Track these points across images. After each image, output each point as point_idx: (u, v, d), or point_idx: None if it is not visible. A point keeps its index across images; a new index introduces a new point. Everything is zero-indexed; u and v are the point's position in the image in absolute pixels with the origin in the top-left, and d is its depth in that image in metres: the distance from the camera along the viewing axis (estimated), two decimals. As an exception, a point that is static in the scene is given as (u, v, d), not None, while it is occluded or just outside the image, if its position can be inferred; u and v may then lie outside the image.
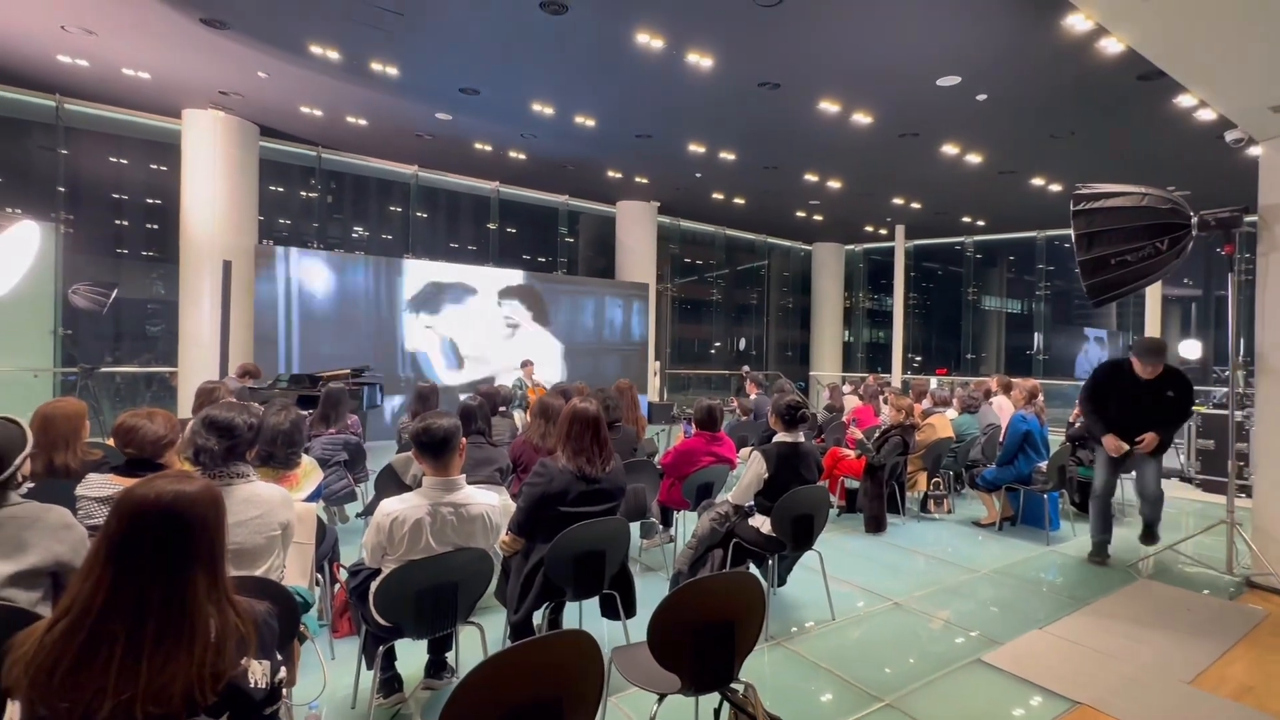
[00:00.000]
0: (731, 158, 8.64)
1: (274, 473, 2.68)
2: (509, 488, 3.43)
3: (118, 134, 8.20)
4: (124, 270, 8.81)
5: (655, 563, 3.97)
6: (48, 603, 1.67)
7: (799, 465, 3.15)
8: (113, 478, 2.27)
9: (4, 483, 1.66)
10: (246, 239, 8.12)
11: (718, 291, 14.39)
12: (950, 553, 4.33)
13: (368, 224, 10.93)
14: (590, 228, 12.89)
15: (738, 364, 14.46)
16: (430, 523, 2.06)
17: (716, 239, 14.00)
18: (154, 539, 1.11)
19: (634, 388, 4.65)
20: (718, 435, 3.87)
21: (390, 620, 2.09)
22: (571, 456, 2.49)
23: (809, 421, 3.27)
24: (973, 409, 5.60)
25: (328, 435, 4.06)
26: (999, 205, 10.74)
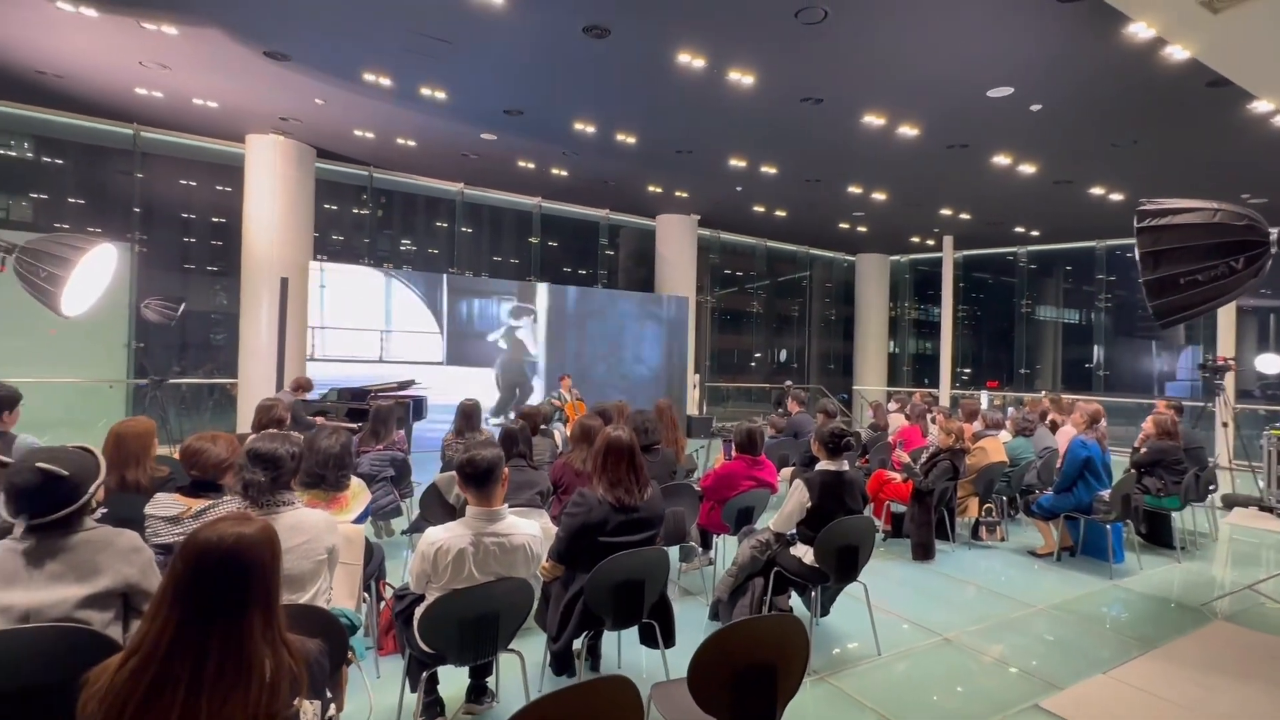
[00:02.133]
0: (773, 171, 8.58)
1: (325, 494, 2.77)
2: (549, 509, 3.46)
3: (187, 158, 8.72)
4: (190, 284, 9.33)
5: (694, 586, 3.93)
6: (118, 623, 1.77)
7: (843, 495, 3.07)
8: (178, 497, 2.39)
9: (80, 509, 1.76)
10: (302, 255, 8.48)
11: (758, 303, 14.26)
12: (1004, 584, 4.13)
13: (415, 239, 11.26)
14: (630, 240, 12.96)
15: (778, 375, 14.27)
16: (473, 553, 2.10)
17: (757, 250, 13.89)
18: (215, 582, 1.17)
19: (674, 407, 4.63)
20: (759, 459, 3.81)
21: (433, 648, 2.13)
22: (608, 487, 2.49)
23: (854, 449, 3.19)
24: (1028, 432, 5.36)
25: (375, 451, 4.18)
26: (1055, 215, 10.32)
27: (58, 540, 1.70)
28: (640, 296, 11.46)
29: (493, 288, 9.97)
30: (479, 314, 9.59)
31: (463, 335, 9.40)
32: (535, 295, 10.28)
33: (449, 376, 9.17)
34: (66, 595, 1.67)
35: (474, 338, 9.48)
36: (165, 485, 2.70)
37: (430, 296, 9.29)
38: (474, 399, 4.66)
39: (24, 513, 1.69)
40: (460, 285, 9.55)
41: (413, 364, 8.95)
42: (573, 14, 4.78)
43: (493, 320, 9.70)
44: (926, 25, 4.76)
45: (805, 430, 5.94)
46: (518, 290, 10.11)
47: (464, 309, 9.44)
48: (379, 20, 4.99)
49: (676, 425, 4.56)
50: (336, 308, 8.65)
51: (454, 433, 4.53)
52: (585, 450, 3.52)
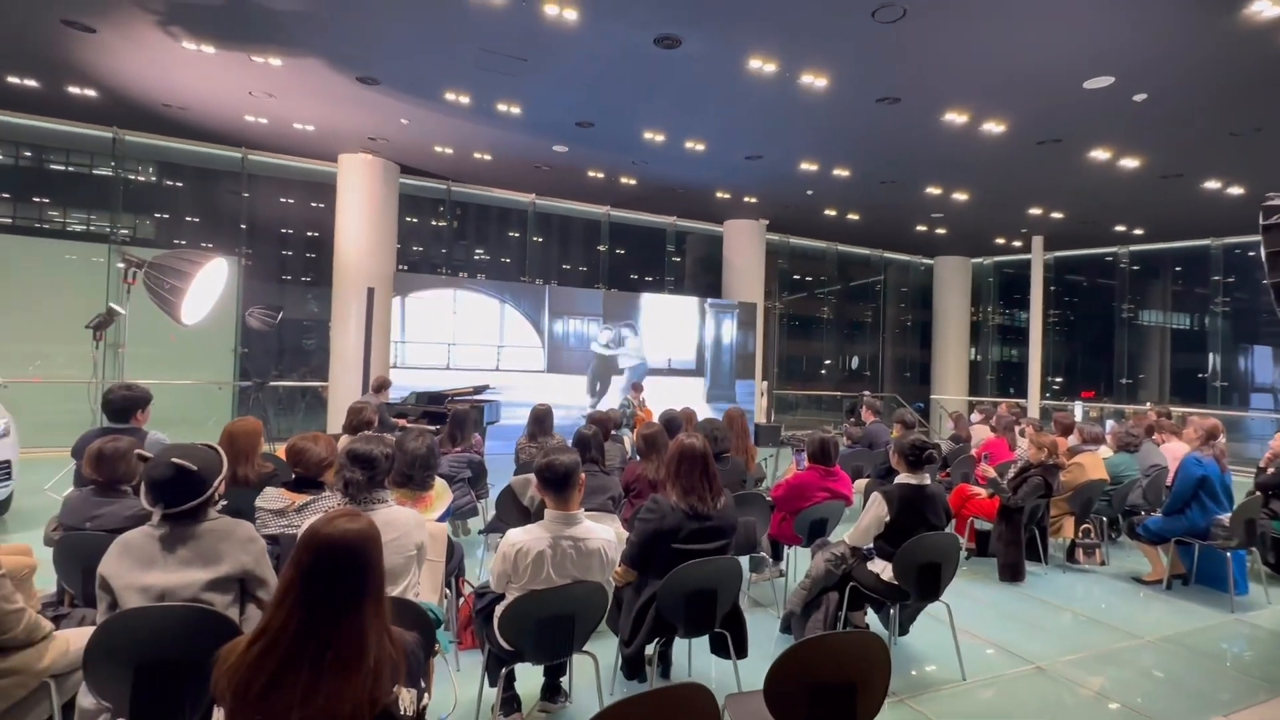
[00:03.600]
0: (845, 174, 8.37)
1: (412, 494, 2.93)
2: (620, 514, 3.51)
3: (286, 178, 9.47)
4: (286, 294, 10.10)
5: (765, 598, 3.88)
6: (236, 605, 1.94)
7: (925, 509, 2.96)
8: (283, 492, 2.60)
9: (207, 500, 1.95)
10: (387, 266, 8.99)
11: (829, 308, 13.91)
12: (1104, 611, 3.84)
13: (488, 248, 11.71)
14: (697, 246, 12.94)
15: (849, 383, 13.85)
16: (551, 555, 2.16)
17: (828, 254, 13.57)
18: (340, 574, 1.26)
19: (744, 416, 4.59)
20: (833, 470, 3.73)
21: (512, 645, 2.21)
22: (682, 495, 2.51)
23: (936, 462, 3.06)
24: (1131, 447, 4.96)
25: (454, 454, 4.36)
26: (1161, 212, 9.52)
27: (188, 528, 1.89)
28: (707, 302, 11.43)
29: (580, 305, 10.28)
30: (573, 328, 10.11)
31: (559, 348, 9.93)
32: (600, 301, 10.45)
33: (544, 384, 9.66)
34: (195, 579, 1.85)
35: (568, 349, 9.98)
36: (271, 480, 2.94)
37: (532, 312, 9.80)
38: (546, 404, 4.78)
39: (160, 502, 1.89)
40: (558, 301, 10.02)
41: (515, 372, 9.56)
42: (644, 26, 4.87)
43: (582, 334, 10.14)
44: (1014, 16, 4.53)
45: (881, 441, 5.76)
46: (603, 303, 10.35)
47: (563, 324, 10.04)
48: (458, 42, 5.26)
49: (747, 433, 4.53)
50: (419, 320, 9.10)
51: (527, 437, 4.66)
52: (654, 460, 3.55)
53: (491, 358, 9.57)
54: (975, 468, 5.17)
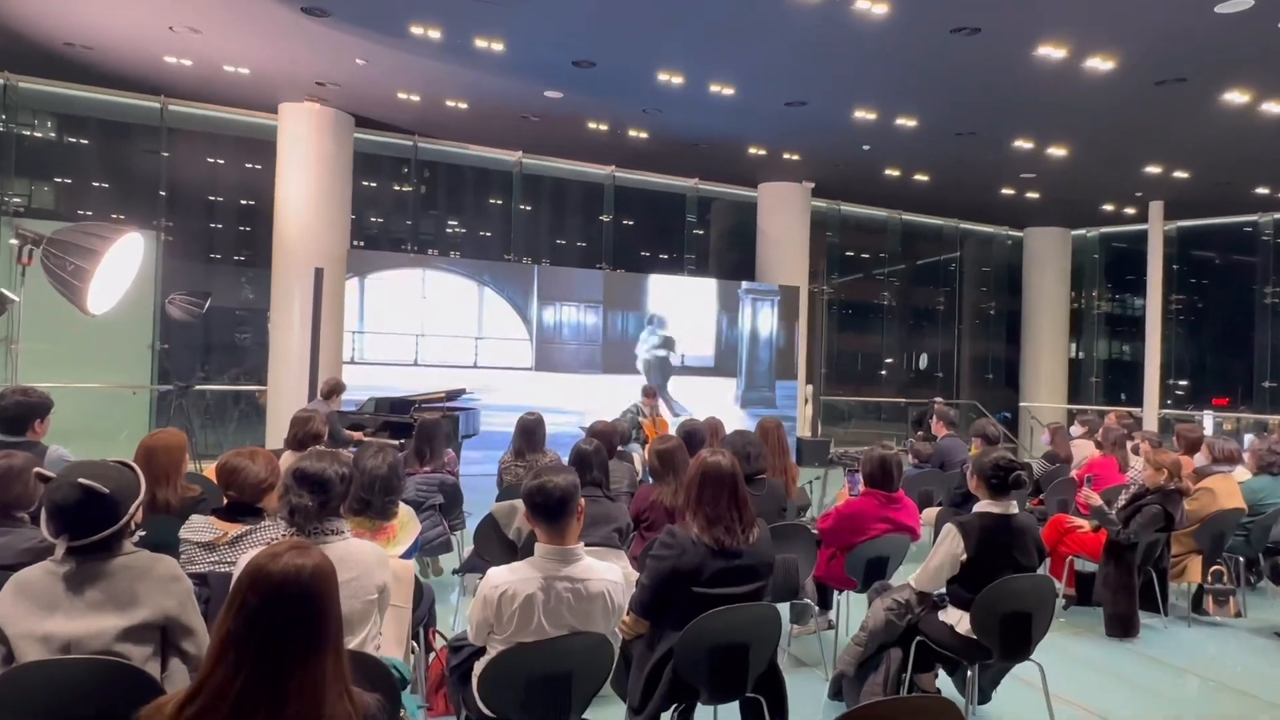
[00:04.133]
0: (911, 124, 8.34)
1: (371, 523, 2.96)
2: (629, 549, 3.52)
3: (215, 132, 9.57)
4: (216, 277, 10.24)
5: (810, 656, 3.88)
6: (156, 659, 1.97)
7: (1011, 545, 2.95)
8: (214, 520, 2.64)
9: (121, 530, 1.98)
10: (339, 242, 9.08)
11: (890, 293, 13.88)
12: (1241, 675, 3.82)
13: (464, 219, 11.80)
14: (724, 217, 12.94)
15: (917, 388, 13.80)
16: (543, 600, 2.18)
17: (889, 225, 13.52)
18: (293, 620, 1.28)
19: (782, 428, 4.60)
20: (895, 496, 3.73)
21: (495, 710, 2.23)
22: (705, 526, 2.51)
23: (1025, 486, 3.06)
24: (1276, 468, 4.92)
25: (422, 474, 4.40)
26: (1318, 169, 9.42)
27: (98, 565, 1.91)
28: (741, 286, 11.42)
29: (577, 289, 10.41)
30: (567, 317, 10.29)
31: (550, 341, 10.11)
32: (600, 284, 10.49)
33: (536, 383, 9.81)
34: (106, 626, 1.88)
35: (560, 343, 10.18)
36: (198, 506, 2.98)
37: (518, 298, 9.94)
38: (536, 413, 4.81)
39: (64, 532, 1.90)
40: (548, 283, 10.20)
41: (497, 370, 9.74)
42: (658, -60, 4.90)
43: (578, 325, 10.33)
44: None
45: (955, 460, 5.75)
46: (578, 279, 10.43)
47: (554, 312, 10.24)
48: (429, -37, 5.31)
49: (786, 450, 4.52)
50: (379, 308, 9.19)
51: (513, 453, 4.69)
52: (671, 483, 3.56)
53: (468, 352, 9.67)
54: (1076, 493, 5.14)
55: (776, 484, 4.07)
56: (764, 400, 11.16)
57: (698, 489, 2.57)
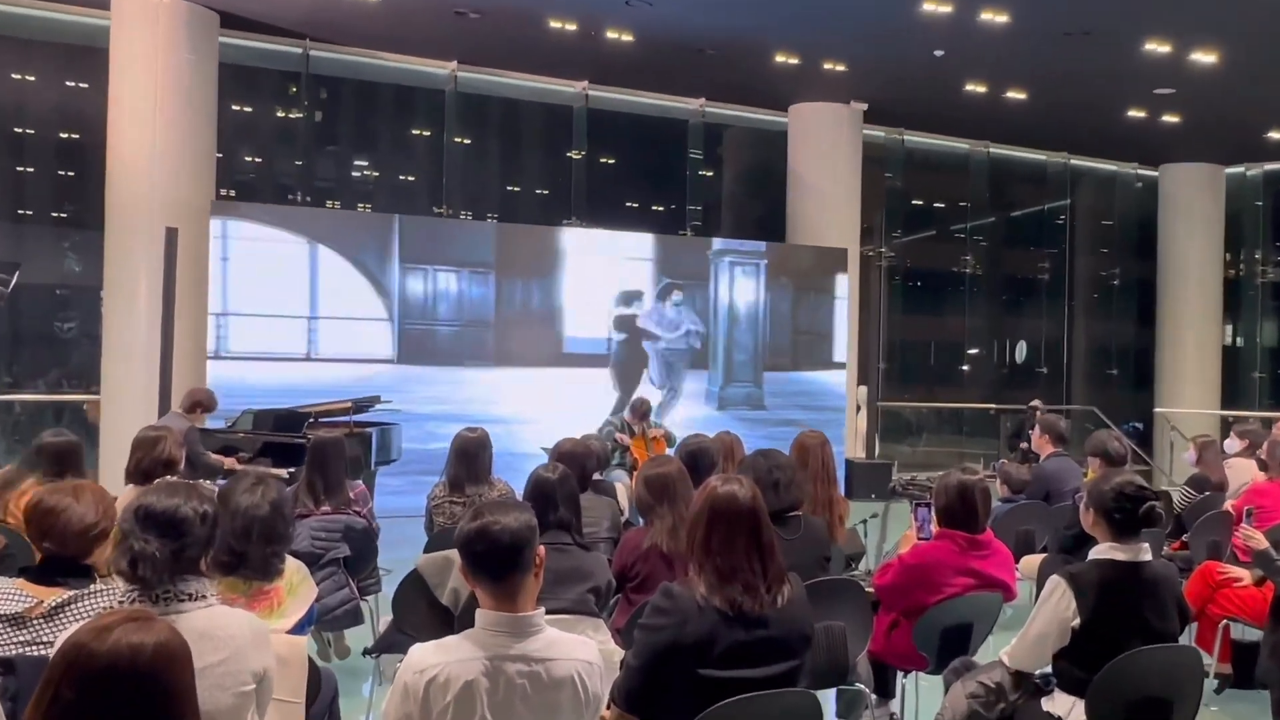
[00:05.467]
0: (1002, 20, 8.39)
1: (246, 585, 2.95)
2: (612, 618, 3.49)
3: (21, 37, 9.46)
4: (27, 242, 10.15)
5: (863, 763, 3.90)
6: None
7: (1141, 606, 2.97)
8: (23, 584, 2.61)
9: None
10: (200, 190, 9.05)
11: (974, 256, 13.97)
12: None
13: (378, 158, 11.77)
14: (742, 152, 12.97)
15: (1011, 388, 13.89)
16: (489, 689, 2.17)
17: (972, 163, 13.61)
18: (127, 715, 1.28)
19: (827, 446, 4.60)
20: (980, 538, 3.74)
21: (423, 845, 2.22)
22: (716, 583, 2.50)
23: (1161, 522, 3.08)
24: None
25: (320, 516, 4.38)
26: None
27: None
28: (759, 250, 11.43)
29: (502, 238, 10.23)
30: (521, 296, 10.32)
31: (506, 323, 10.17)
32: (571, 247, 10.48)
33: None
34: None
35: (515, 326, 10.28)
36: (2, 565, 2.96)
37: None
38: (479, 429, 4.79)
39: None
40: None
41: (423, 367, 9.88)
42: None
43: (530, 299, 10.38)
44: None
45: (1065, 488, 5.78)
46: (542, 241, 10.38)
47: (513, 290, 10.28)
48: None
49: (831, 477, 4.52)
50: (257, 282, 9.16)
51: (447, 484, 4.68)
52: (667, 518, 3.56)
53: (384, 341, 9.66)
54: (1233, 532, 5.17)
55: (817, 524, 4.07)
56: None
57: (705, 531, 2.57)
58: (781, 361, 11.53)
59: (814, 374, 11.67)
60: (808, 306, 11.62)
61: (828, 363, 11.65)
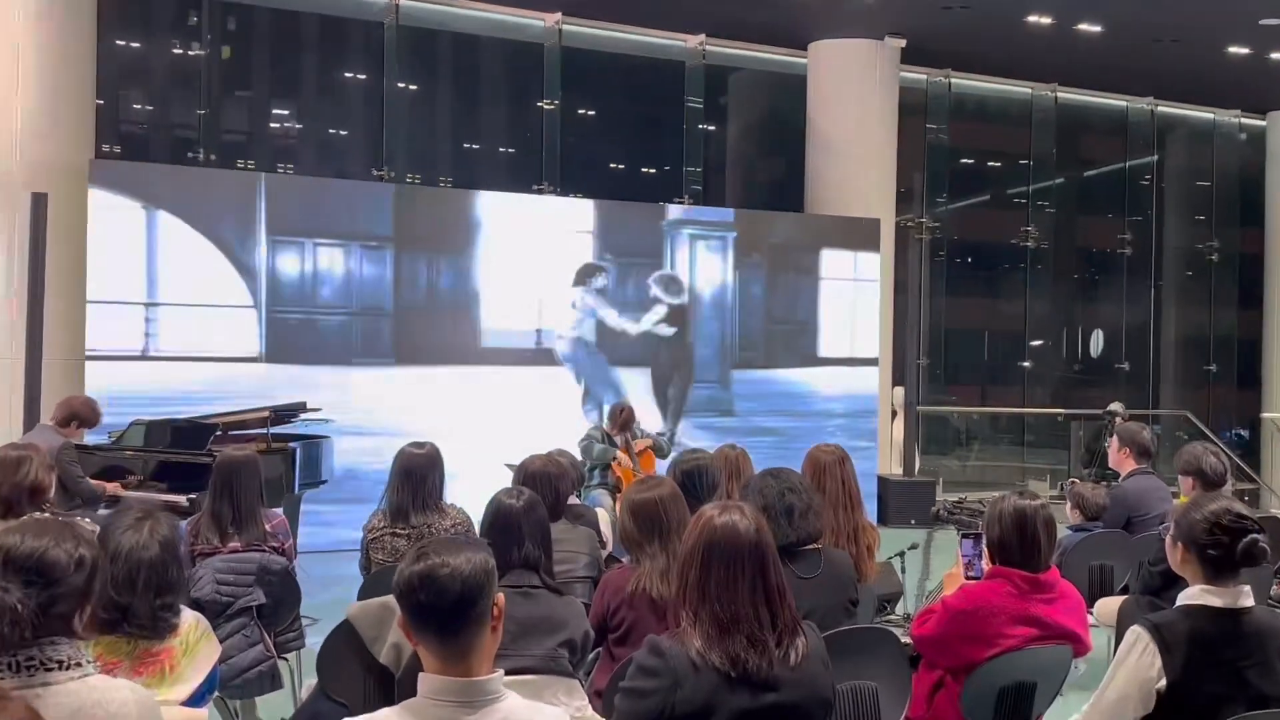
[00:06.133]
0: (1070, -66, 8.40)
1: (130, 646, 2.92)
2: (591, 678, 3.49)
3: None
4: None
5: None
6: None
7: (1241, 662, 2.97)
8: None
9: None
10: (73, 150, 8.99)
11: (1038, 226, 13.95)
12: None
13: (299, 106, 11.70)
14: (750, 101, 12.96)
15: (1083, 388, 13.94)
16: (434, 772, 2.16)
17: (1036, 110, 13.63)
18: None
19: (846, 462, 4.61)
20: (1043, 578, 3.74)
21: None
22: (716, 635, 2.50)
23: (1266, 557, 3.08)
24: None
25: (228, 554, 4.36)
26: None
27: None
28: (769, 223, 11.43)
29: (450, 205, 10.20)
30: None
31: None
32: (539, 219, 10.45)
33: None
34: None
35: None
36: None
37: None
38: (427, 445, 4.77)
39: None
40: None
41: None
42: None
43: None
44: None
45: (1150, 512, 5.80)
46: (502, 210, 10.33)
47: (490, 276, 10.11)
48: None
49: (856, 501, 4.54)
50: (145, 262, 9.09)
51: (387, 513, 4.67)
52: (659, 557, 3.57)
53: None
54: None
55: (840, 559, 4.07)
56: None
57: (700, 571, 2.57)
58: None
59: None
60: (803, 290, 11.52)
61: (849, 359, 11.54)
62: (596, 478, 7.71)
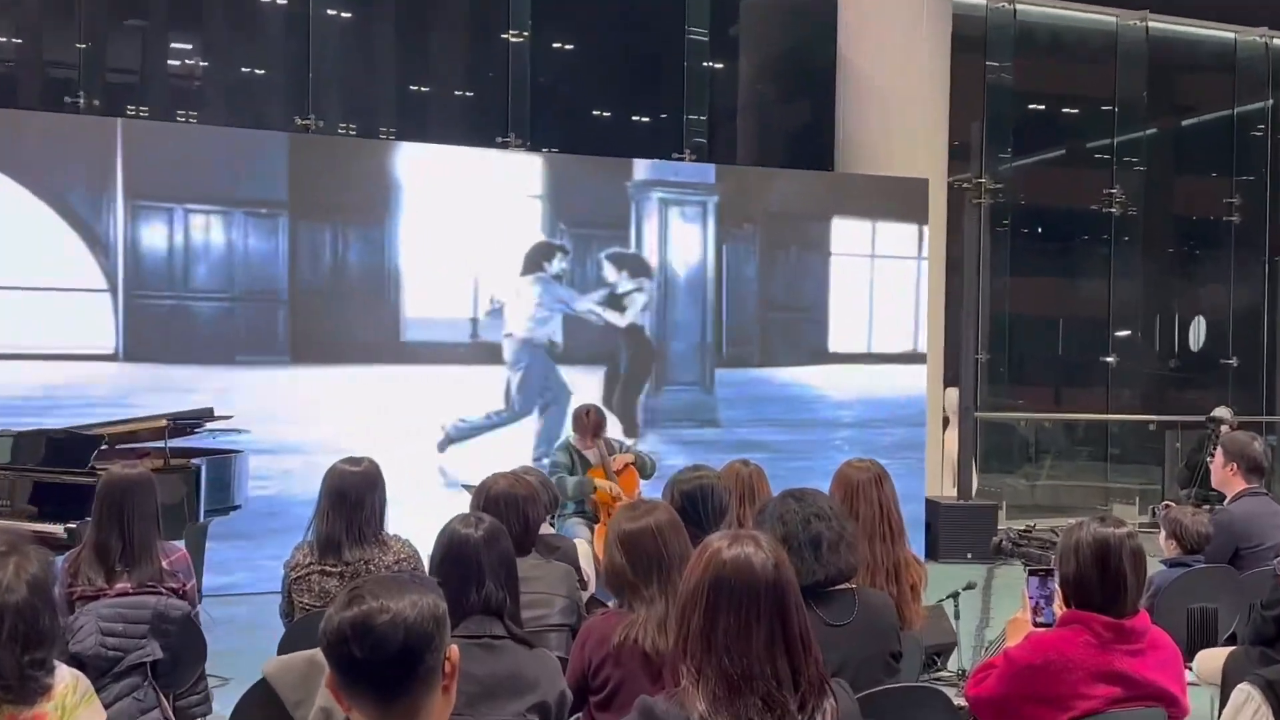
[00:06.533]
0: None
1: (-8, 711, 2.92)
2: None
3: None
4: None
5: None
6: None
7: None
8: None
9: None
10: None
11: (1125, 187, 13.96)
12: None
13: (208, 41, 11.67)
14: (767, 33, 12.98)
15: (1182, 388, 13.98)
16: None
17: (1121, 45, 13.67)
18: None
19: (885, 482, 4.62)
20: (1130, 625, 3.75)
21: None
22: (724, 696, 2.50)
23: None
24: None
25: (116, 598, 4.36)
26: None
27: None
28: (798, 180, 11.46)
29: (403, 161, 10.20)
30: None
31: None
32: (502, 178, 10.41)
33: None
34: None
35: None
36: None
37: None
38: (364, 461, 4.79)
39: None
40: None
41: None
42: None
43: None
44: None
45: (1263, 542, 5.84)
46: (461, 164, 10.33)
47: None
48: None
49: (895, 529, 4.56)
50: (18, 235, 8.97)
51: (315, 546, 4.68)
52: (655, 602, 3.59)
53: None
54: None
55: (878, 602, 4.08)
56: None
57: (706, 616, 2.56)
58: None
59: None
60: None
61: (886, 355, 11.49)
62: (570, 504, 7.76)
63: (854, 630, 3.81)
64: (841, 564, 3.88)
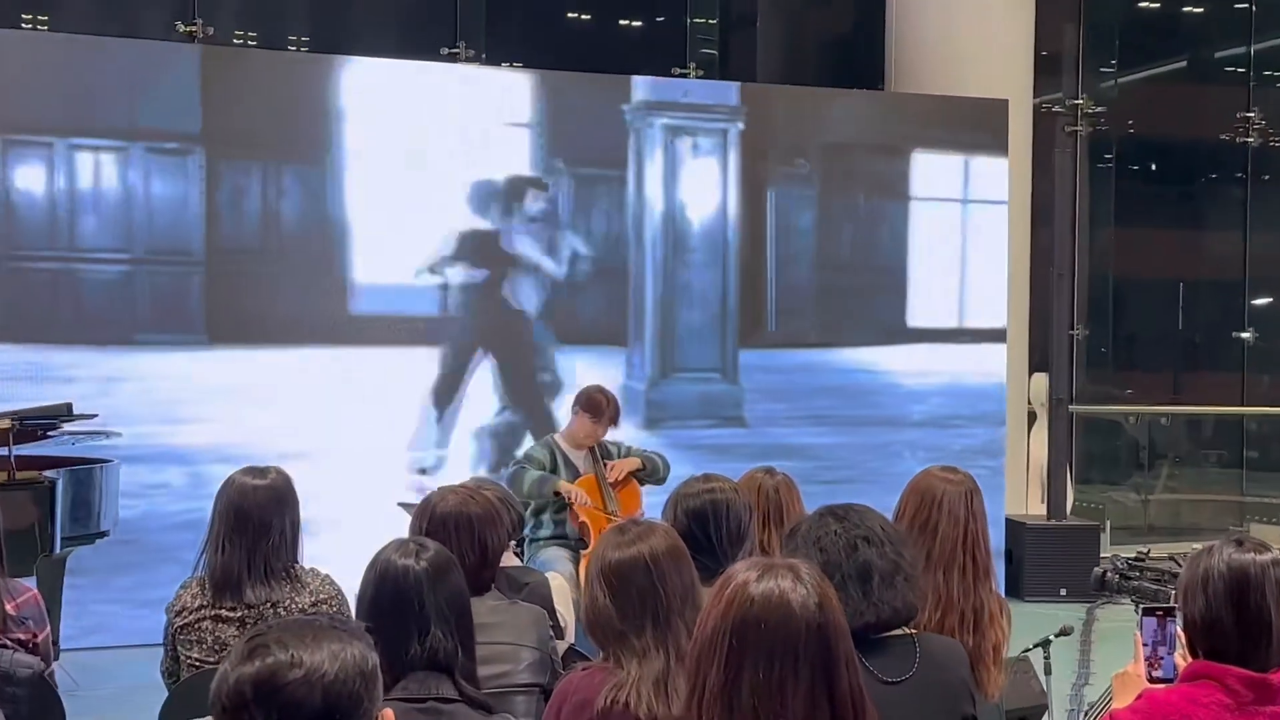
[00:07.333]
0: None
1: None
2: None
3: None
4: None
5: None
6: None
7: None
8: None
9: None
10: None
11: (1263, 115, 14.00)
12: None
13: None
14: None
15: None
16: None
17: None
18: None
19: (978, 496, 4.66)
20: (1274, 678, 3.77)
21: None
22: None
23: None
24: None
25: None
26: None
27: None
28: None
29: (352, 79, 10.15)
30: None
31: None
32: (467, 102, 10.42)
33: None
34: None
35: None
36: None
37: None
38: (271, 472, 4.81)
39: None
40: None
41: None
42: None
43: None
44: None
45: None
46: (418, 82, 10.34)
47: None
48: None
49: (982, 567, 4.59)
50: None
51: (206, 583, 4.72)
52: (652, 656, 3.58)
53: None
54: None
55: (946, 651, 4.11)
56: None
57: (726, 670, 2.56)
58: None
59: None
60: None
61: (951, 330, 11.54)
62: (546, 526, 7.75)
63: (914, 687, 3.81)
64: (898, 602, 3.86)
